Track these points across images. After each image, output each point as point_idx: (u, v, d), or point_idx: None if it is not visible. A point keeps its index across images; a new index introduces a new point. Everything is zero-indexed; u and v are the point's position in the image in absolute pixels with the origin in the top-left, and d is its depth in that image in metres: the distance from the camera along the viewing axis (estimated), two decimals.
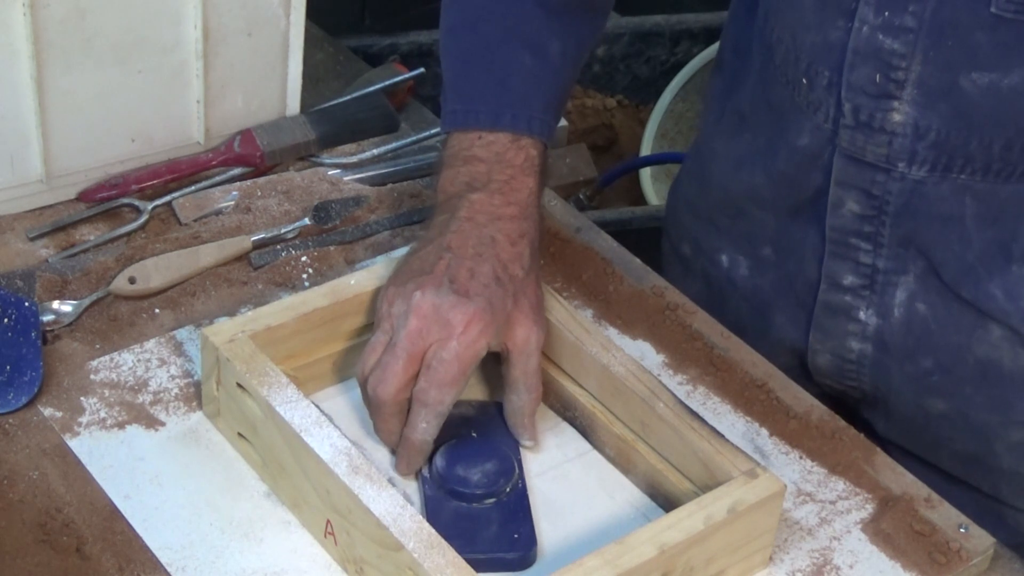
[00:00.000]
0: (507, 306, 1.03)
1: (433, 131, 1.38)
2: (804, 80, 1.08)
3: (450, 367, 0.99)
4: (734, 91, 1.19)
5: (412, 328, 1.00)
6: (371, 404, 1.02)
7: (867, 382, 1.17)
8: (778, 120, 1.12)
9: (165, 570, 0.95)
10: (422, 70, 1.47)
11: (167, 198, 1.26)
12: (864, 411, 1.20)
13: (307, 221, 1.24)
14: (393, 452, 1.04)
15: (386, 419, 1.01)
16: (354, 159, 1.34)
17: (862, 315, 1.13)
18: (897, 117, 1.03)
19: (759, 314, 1.21)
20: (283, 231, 1.24)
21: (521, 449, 1.06)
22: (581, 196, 2.29)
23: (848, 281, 1.12)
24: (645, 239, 1.46)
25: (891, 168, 1.05)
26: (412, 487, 1.03)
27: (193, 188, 1.28)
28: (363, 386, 1.02)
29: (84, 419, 1.05)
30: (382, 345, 1.01)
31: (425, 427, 1.00)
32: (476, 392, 1.11)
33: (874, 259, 1.10)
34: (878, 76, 1.02)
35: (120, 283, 1.16)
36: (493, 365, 1.09)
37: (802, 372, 1.20)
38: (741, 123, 1.18)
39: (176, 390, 1.08)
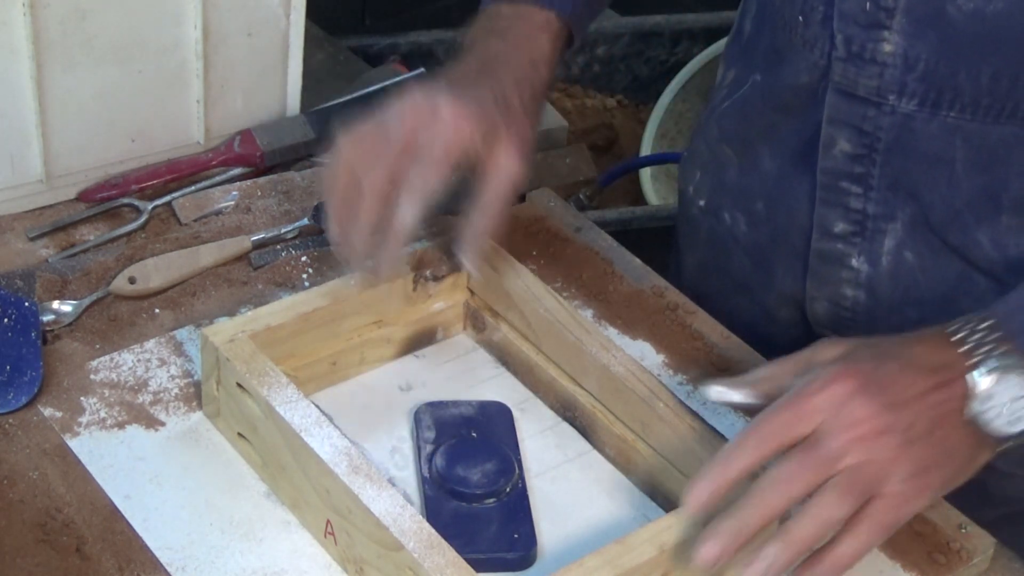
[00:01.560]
0: (495, 119, 1.04)
1: None
2: (800, 17, 1.09)
3: (436, 150, 1.00)
4: (748, 48, 1.22)
5: (404, 114, 1.02)
6: (357, 192, 1.01)
7: (862, 331, 1.16)
8: (780, 63, 1.14)
9: (165, 570, 0.95)
10: (422, 70, 1.47)
11: (167, 198, 1.26)
12: None
13: (307, 221, 1.25)
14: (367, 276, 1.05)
15: (369, 208, 1.01)
16: None
17: (854, 262, 1.14)
18: (887, 47, 1.04)
19: (762, 268, 1.23)
20: (283, 231, 1.24)
21: (521, 449, 1.06)
22: (581, 196, 2.28)
23: (839, 228, 1.13)
24: (645, 239, 1.46)
25: (882, 102, 1.06)
26: (412, 487, 1.03)
27: (193, 188, 1.28)
28: (339, 155, 1.03)
29: (84, 419, 1.05)
30: (372, 126, 1.03)
31: (409, 210, 1.00)
32: (476, 392, 1.11)
33: (864, 204, 1.11)
34: (868, 4, 1.03)
35: (120, 283, 1.16)
36: (494, 363, 1.10)
37: (805, 328, 1.21)
38: (752, 72, 1.20)
39: (176, 390, 1.08)
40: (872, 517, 0.88)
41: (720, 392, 0.96)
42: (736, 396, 0.96)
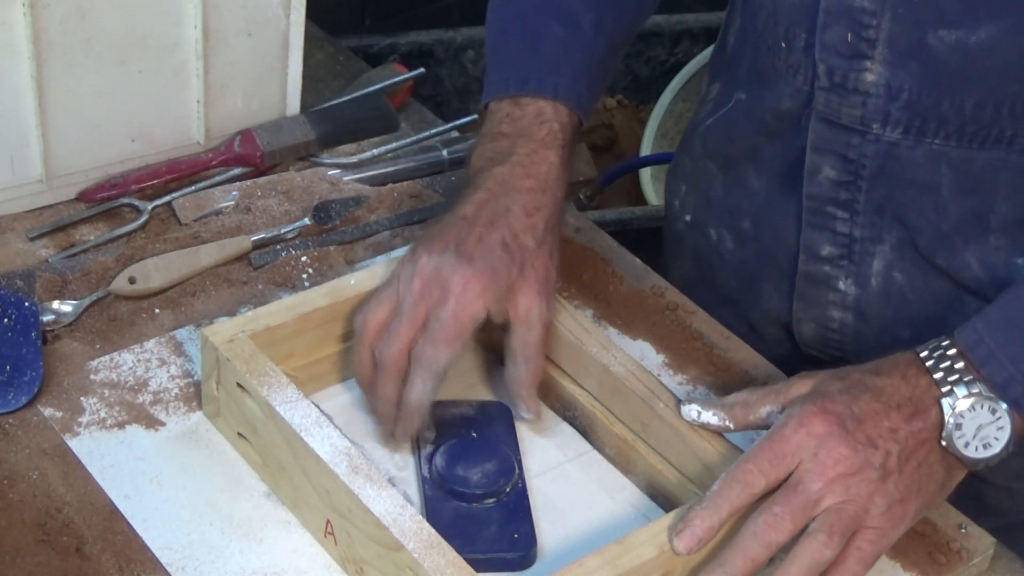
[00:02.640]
0: (511, 273, 1.04)
1: (433, 131, 1.39)
2: (783, 44, 1.09)
3: (446, 327, 1.00)
4: (732, 63, 1.21)
5: (415, 290, 1.02)
6: (376, 368, 1.03)
7: (850, 352, 1.17)
8: (763, 85, 1.14)
9: (165, 570, 0.95)
10: (422, 70, 1.47)
11: (167, 198, 1.26)
12: None
13: (307, 221, 1.25)
14: (390, 441, 1.05)
15: (386, 383, 1.02)
16: (354, 159, 1.34)
17: (841, 284, 1.14)
18: (870, 77, 1.04)
19: (748, 286, 1.22)
20: (283, 231, 1.24)
21: (521, 449, 1.06)
22: (581, 196, 2.29)
23: (826, 251, 1.13)
24: (645, 239, 1.46)
25: (866, 130, 1.06)
26: (412, 487, 1.03)
27: (193, 188, 1.28)
28: (359, 338, 1.03)
29: (84, 419, 1.05)
30: (386, 300, 1.03)
31: (421, 386, 1.00)
32: (476, 392, 1.11)
33: (851, 228, 1.11)
34: (849, 35, 1.03)
35: (120, 283, 1.16)
36: (494, 366, 1.10)
37: (792, 346, 1.21)
38: (736, 90, 1.20)
39: (176, 390, 1.08)
40: (858, 551, 0.91)
41: (694, 412, 1.00)
42: (710, 418, 1.00)
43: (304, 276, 1.20)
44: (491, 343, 1.14)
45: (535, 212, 1.07)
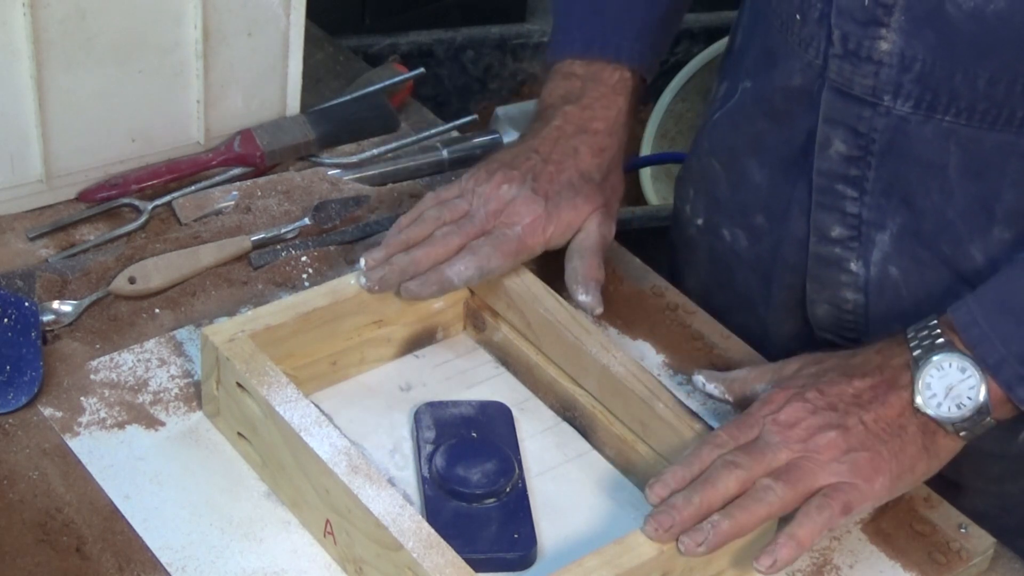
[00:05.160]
0: (577, 207, 1.15)
1: (433, 131, 1.39)
2: (798, 16, 1.10)
3: (510, 241, 1.11)
4: (738, 57, 1.22)
5: (490, 209, 1.12)
6: (424, 231, 1.12)
7: (865, 334, 1.17)
8: (772, 66, 1.15)
9: (165, 570, 0.95)
10: (422, 70, 1.47)
11: (167, 198, 1.26)
12: None
13: (307, 221, 1.25)
14: (376, 280, 1.09)
15: (429, 249, 1.10)
16: (354, 159, 1.34)
17: (852, 266, 1.14)
18: (884, 46, 1.04)
19: (764, 281, 1.22)
20: (283, 231, 1.24)
21: (521, 449, 1.06)
22: None
23: (836, 233, 1.13)
24: (645, 239, 1.46)
25: (877, 102, 1.07)
26: (412, 487, 1.03)
27: (193, 188, 1.28)
28: (424, 201, 1.15)
29: (84, 419, 1.05)
30: (459, 202, 1.13)
31: (463, 268, 1.09)
32: (476, 392, 1.11)
33: (860, 208, 1.11)
34: (867, 0, 1.04)
35: (120, 283, 1.16)
36: (495, 366, 1.09)
37: (809, 338, 1.21)
38: (742, 80, 1.21)
39: (176, 390, 1.08)
40: (823, 499, 0.94)
41: (701, 382, 1.09)
42: (712, 389, 1.08)
43: (304, 276, 1.20)
44: (492, 343, 1.14)
45: (601, 153, 1.18)
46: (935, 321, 1.00)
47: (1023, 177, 1.05)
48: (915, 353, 0.99)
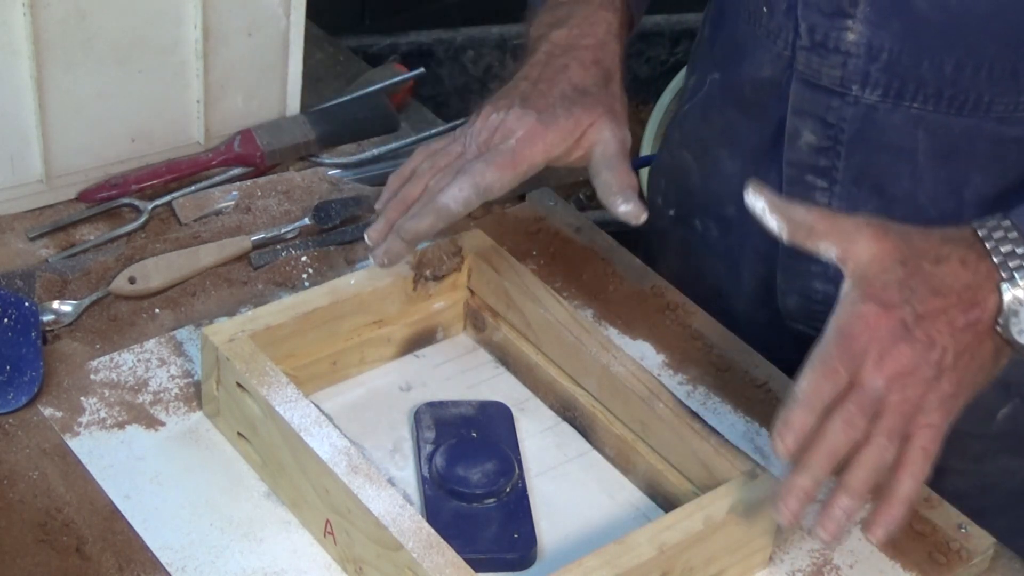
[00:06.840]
0: (575, 119, 1.08)
1: (433, 131, 1.39)
2: (765, 8, 1.10)
3: (503, 154, 1.06)
4: (706, 49, 1.22)
5: (479, 134, 1.08)
6: (420, 168, 1.08)
7: None
8: (741, 58, 1.15)
9: (165, 570, 0.95)
10: (422, 70, 1.47)
11: (167, 198, 1.26)
12: None
13: (307, 221, 1.25)
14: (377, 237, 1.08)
15: (416, 182, 1.07)
16: (354, 159, 1.34)
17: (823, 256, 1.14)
18: (851, 36, 1.05)
19: (735, 272, 1.23)
20: (283, 231, 1.24)
21: (521, 449, 1.06)
22: (581, 196, 2.29)
23: None
24: (645, 239, 1.46)
25: (845, 92, 1.07)
26: (412, 487, 1.03)
27: (193, 188, 1.28)
28: (414, 156, 1.10)
29: (84, 419, 1.05)
30: (452, 141, 1.09)
31: (456, 190, 1.04)
32: (476, 392, 1.11)
33: (830, 198, 1.12)
34: None
35: (120, 283, 1.16)
36: (494, 366, 1.09)
37: (780, 331, 1.20)
38: (711, 71, 1.20)
39: (176, 390, 1.08)
40: (922, 450, 0.92)
41: (759, 207, 0.97)
42: (770, 220, 0.97)
43: (304, 276, 1.20)
44: (492, 343, 1.14)
45: (593, 65, 1.12)
46: (1007, 222, 0.95)
47: (991, 161, 1.06)
48: (996, 260, 0.95)
